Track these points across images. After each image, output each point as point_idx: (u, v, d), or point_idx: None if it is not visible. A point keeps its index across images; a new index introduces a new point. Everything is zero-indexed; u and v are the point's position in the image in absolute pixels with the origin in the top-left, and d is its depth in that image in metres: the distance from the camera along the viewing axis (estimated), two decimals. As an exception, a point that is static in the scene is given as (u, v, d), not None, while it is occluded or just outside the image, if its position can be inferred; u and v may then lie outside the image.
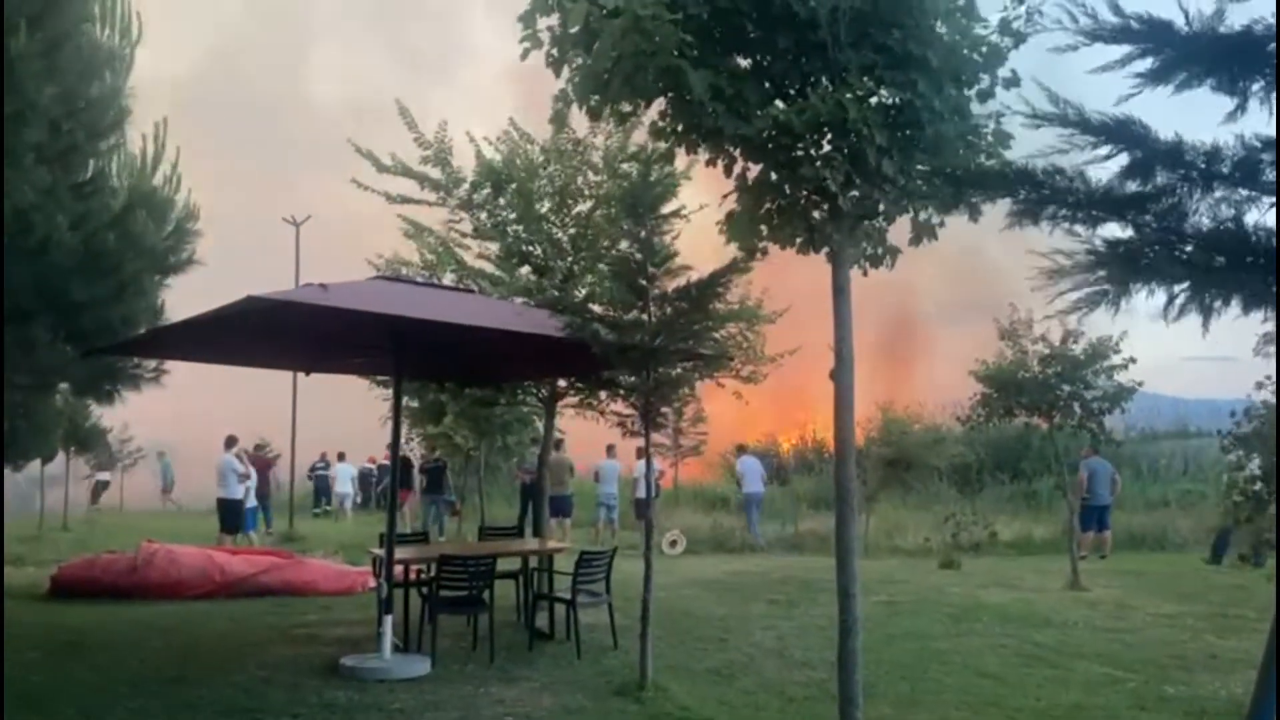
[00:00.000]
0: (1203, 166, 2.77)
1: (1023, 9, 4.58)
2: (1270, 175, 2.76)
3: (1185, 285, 2.81)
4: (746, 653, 8.18)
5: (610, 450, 18.82)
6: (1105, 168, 2.89)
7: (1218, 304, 2.81)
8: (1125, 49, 2.84)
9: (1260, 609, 9.44)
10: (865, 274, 5.16)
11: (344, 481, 25.05)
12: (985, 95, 4.78)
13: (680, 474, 25.98)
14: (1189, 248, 2.81)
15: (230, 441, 15.68)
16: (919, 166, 4.66)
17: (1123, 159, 2.85)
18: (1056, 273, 2.98)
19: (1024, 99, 3.05)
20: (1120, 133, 2.80)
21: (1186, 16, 2.66)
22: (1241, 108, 2.78)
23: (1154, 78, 2.81)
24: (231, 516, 15.36)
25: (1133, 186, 2.84)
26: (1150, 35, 2.74)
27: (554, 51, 4.50)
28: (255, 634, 8.93)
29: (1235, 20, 2.72)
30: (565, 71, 4.60)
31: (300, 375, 16.66)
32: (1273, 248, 2.69)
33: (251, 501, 16.32)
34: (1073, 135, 2.84)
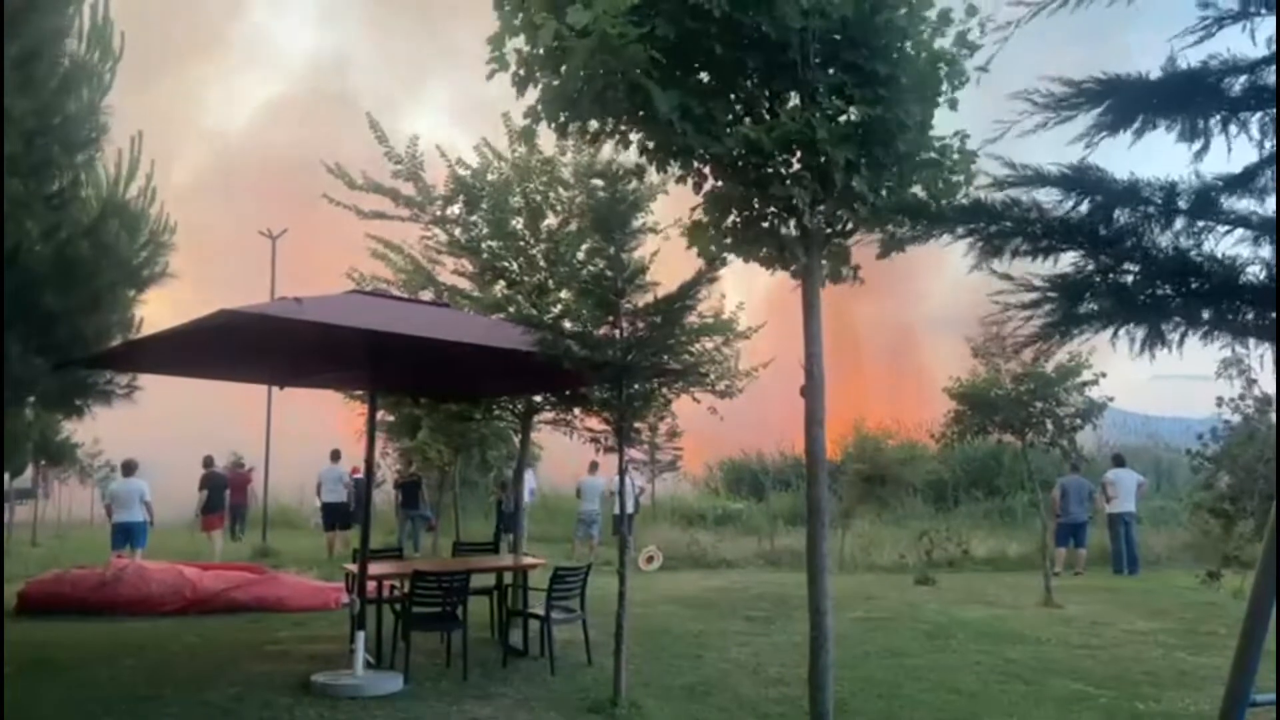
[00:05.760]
0: (1159, 202, 2.83)
1: (974, 21, 4.65)
2: (1225, 205, 2.83)
3: (1124, 318, 2.86)
4: (721, 669, 8.17)
5: (593, 467, 18.77)
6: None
7: (1164, 332, 2.86)
8: (1090, 116, 2.90)
9: (1231, 625, 9.52)
10: (858, 281, 5.20)
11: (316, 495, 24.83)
12: (953, 104, 4.85)
13: (657, 489, 25.95)
14: (1126, 276, 2.87)
15: (336, 455, 18.67)
16: (888, 183, 4.71)
17: (1084, 205, 2.90)
18: (1007, 309, 3.04)
19: (985, 172, 3.13)
20: (1079, 181, 2.86)
21: (1142, 76, 2.73)
22: (1206, 146, 2.84)
23: (1113, 126, 2.87)
24: (337, 517, 18.17)
25: (1102, 232, 2.89)
26: (1107, 93, 2.80)
27: (520, 72, 4.52)
28: (227, 651, 8.84)
29: (1192, 58, 2.79)
30: (533, 91, 4.62)
31: (275, 388, 16.64)
32: (1212, 273, 2.74)
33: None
34: (1034, 190, 2.91)
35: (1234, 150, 2.91)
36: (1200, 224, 2.83)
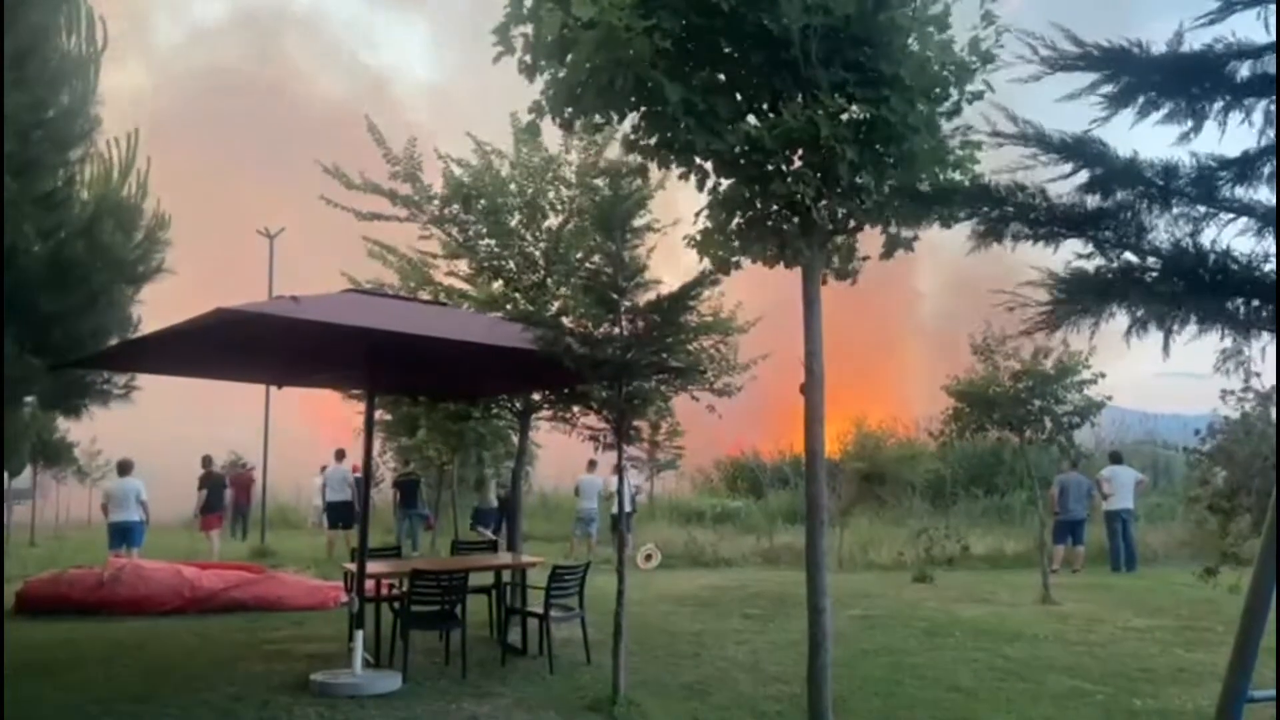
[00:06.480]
0: (1160, 183, 2.83)
1: (992, 29, 4.64)
2: (1226, 192, 2.82)
3: (1143, 309, 2.86)
4: (720, 668, 8.17)
5: (591, 465, 18.77)
6: (1066, 185, 2.95)
7: (1176, 325, 2.86)
8: (1090, 77, 2.89)
9: (1227, 622, 9.51)
10: (847, 279, 5.20)
11: (320, 494, 24.79)
12: (953, 112, 4.84)
13: (656, 487, 25.97)
14: (1149, 274, 2.86)
15: (341, 454, 18.79)
16: (890, 181, 4.70)
17: (1082, 176, 2.90)
18: (1022, 298, 3.03)
19: (985, 118, 3.12)
20: (1079, 150, 2.85)
21: (1142, 46, 2.73)
22: (1197, 128, 2.84)
23: (1116, 102, 2.86)
24: (341, 515, 18.10)
25: (1093, 202, 2.89)
26: (1110, 61, 2.79)
27: (527, 58, 4.50)
28: (225, 650, 8.82)
29: (1195, 42, 2.78)
30: (539, 81, 4.61)
31: (273, 388, 16.66)
32: (1227, 268, 2.74)
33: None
34: (1034, 154, 2.89)
35: (1235, 137, 2.91)
36: (1203, 210, 2.83)
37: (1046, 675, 7.86)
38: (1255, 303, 2.84)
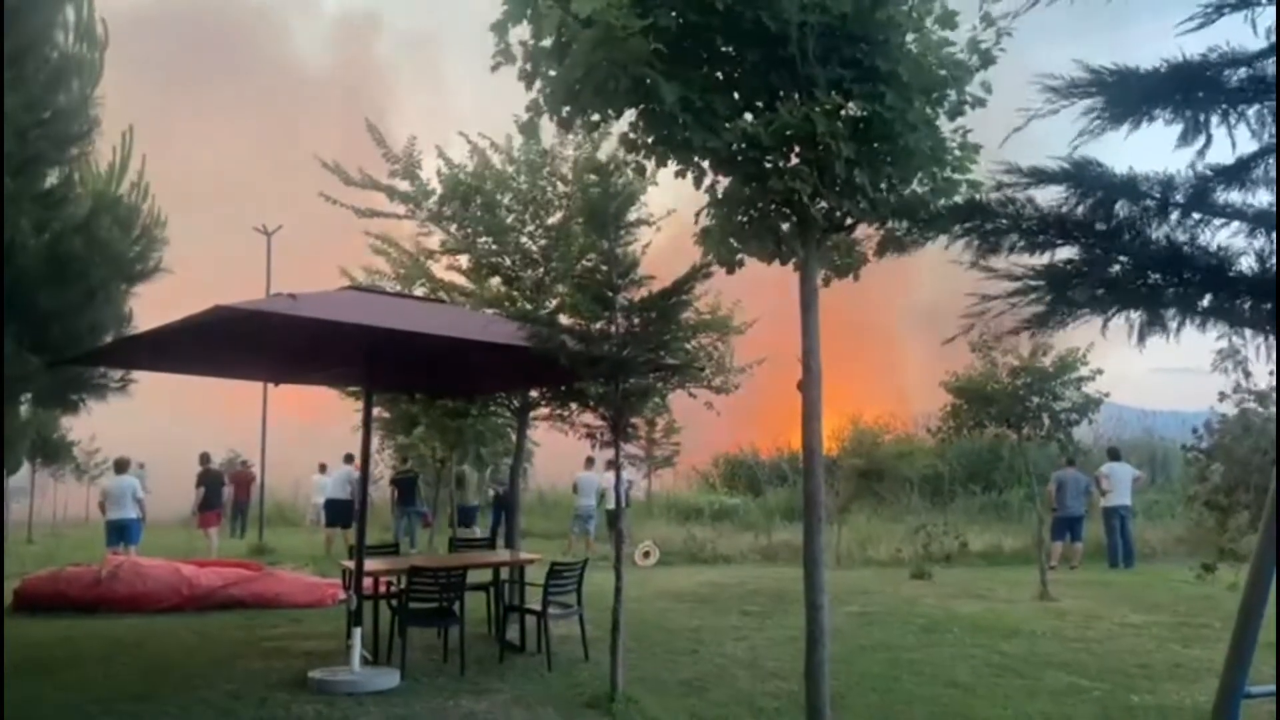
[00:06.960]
0: (1157, 196, 2.84)
1: (991, 31, 4.64)
2: (1220, 197, 2.84)
3: (1123, 308, 2.88)
4: (718, 664, 8.18)
5: (589, 463, 18.76)
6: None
7: (1171, 324, 2.87)
8: (1099, 101, 2.90)
9: (1225, 618, 9.51)
10: (826, 284, 5.20)
11: (319, 493, 24.82)
12: (955, 112, 4.83)
13: (654, 485, 25.99)
14: (1120, 269, 2.88)
15: (349, 458, 18.43)
16: (893, 181, 4.71)
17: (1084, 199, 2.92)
18: (987, 299, 3.05)
19: (988, 172, 3.14)
20: (1080, 176, 2.87)
21: (1139, 70, 2.74)
22: (1209, 142, 2.85)
23: (1113, 118, 2.88)
24: (341, 514, 18.16)
25: (1100, 226, 2.90)
26: (1120, 84, 2.81)
27: (527, 66, 4.51)
28: (223, 648, 8.83)
29: (1185, 46, 2.79)
30: (537, 84, 4.61)
31: (270, 385, 16.64)
32: (1214, 267, 2.75)
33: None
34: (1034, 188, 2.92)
35: (1232, 143, 2.92)
36: (1197, 217, 2.84)
37: (1044, 671, 7.87)
38: (1243, 300, 2.85)
